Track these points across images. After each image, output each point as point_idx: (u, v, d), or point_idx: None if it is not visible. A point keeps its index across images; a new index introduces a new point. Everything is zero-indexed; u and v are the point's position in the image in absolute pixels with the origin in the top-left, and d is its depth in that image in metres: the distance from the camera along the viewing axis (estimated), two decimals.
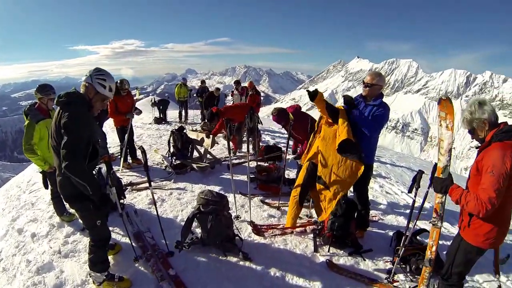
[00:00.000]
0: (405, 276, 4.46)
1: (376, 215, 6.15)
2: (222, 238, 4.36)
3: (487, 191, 2.84)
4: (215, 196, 4.37)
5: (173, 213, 5.56)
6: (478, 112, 3.06)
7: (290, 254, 4.55)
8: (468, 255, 3.28)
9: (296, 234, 5.03)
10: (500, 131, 2.98)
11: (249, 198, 5.64)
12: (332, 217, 4.77)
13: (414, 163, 13.57)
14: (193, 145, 8.34)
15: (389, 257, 4.74)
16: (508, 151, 2.86)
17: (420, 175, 3.86)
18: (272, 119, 6.48)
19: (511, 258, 3.99)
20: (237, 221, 5.28)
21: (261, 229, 5.05)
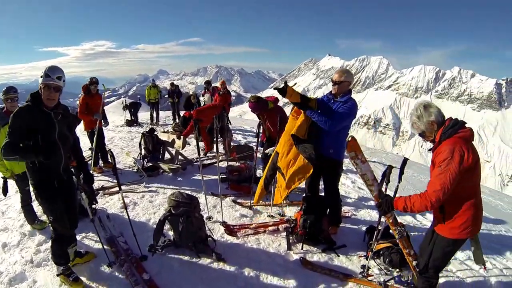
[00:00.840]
0: (379, 270, 4.53)
1: (348, 211, 6.21)
2: (194, 239, 4.33)
3: (432, 185, 3.00)
4: (186, 198, 4.34)
5: (145, 216, 5.50)
6: (425, 115, 3.15)
7: (263, 253, 4.55)
8: (446, 249, 3.34)
9: (269, 233, 5.04)
10: (446, 128, 3.07)
11: (220, 199, 5.59)
12: (303, 215, 4.79)
13: (386, 158, 13.79)
14: (165, 147, 8.30)
15: (363, 252, 4.80)
16: (457, 145, 2.95)
17: (389, 170, 3.92)
18: (249, 106, 6.46)
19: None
20: (210, 222, 5.26)
21: (233, 229, 5.04)
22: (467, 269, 5.07)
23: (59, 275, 3.82)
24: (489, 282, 4.85)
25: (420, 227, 5.81)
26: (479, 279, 4.88)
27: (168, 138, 8.69)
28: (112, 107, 19.22)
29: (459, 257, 5.32)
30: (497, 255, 5.76)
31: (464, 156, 2.91)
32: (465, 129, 3.05)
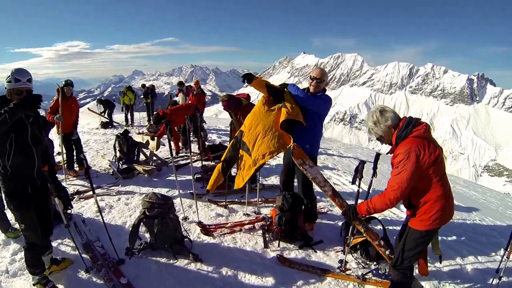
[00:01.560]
0: (357, 263, 4.59)
1: (324, 207, 6.28)
2: (170, 241, 4.30)
3: (391, 184, 3.09)
4: (160, 199, 4.30)
5: (121, 219, 5.44)
6: (382, 120, 3.20)
7: (240, 252, 4.55)
8: (418, 240, 3.39)
9: (245, 231, 5.05)
10: (400, 131, 3.13)
11: (195, 198, 5.58)
12: (279, 212, 4.81)
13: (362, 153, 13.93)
14: (139, 148, 8.23)
15: (340, 247, 4.85)
16: (413, 146, 3.02)
17: (362, 165, 3.96)
18: (222, 105, 6.53)
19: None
20: (185, 222, 5.25)
21: (209, 229, 5.03)
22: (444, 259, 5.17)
23: (36, 285, 3.73)
24: (465, 269, 4.99)
25: (398, 220, 5.90)
26: (455, 267, 5.00)
27: (143, 139, 8.62)
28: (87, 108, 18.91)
29: None
30: (473, 243, 5.94)
31: (420, 155, 2.99)
32: (419, 127, 3.11)
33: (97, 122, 15.73)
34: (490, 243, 6.15)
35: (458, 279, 4.74)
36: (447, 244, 5.69)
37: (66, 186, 6.47)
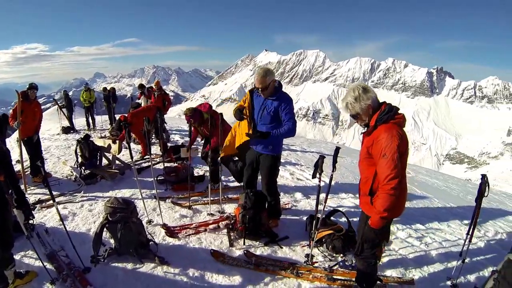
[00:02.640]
0: (323, 256, 4.67)
1: (288, 203, 6.36)
2: (135, 245, 4.24)
3: (385, 173, 3.02)
4: (121, 203, 4.23)
5: (85, 226, 5.32)
6: (364, 97, 3.17)
7: (206, 252, 4.54)
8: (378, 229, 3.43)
9: (209, 231, 5.05)
10: (382, 113, 3.13)
11: (158, 201, 5.54)
12: (242, 210, 4.83)
13: (325, 148, 14.12)
14: (101, 153, 8.08)
15: (306, 242, 4.92)
16: (394, 131, 3.05)
17: (321, 160, 4.01)
18: (186, 119, 6.56)
19: None
20: (150, 225, 5.20)
21: (174, 231, 5.00)
22: (408, 246, 5.36)
23: None
24: (430, 255, 5.17)
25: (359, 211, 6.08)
26: (420, 254, 5.18)
27: (104, 143, 8.46)
28: (48, 114, 18.23)
29: (400, 236, 5.64)
30: (436, 229, 6.19)
31: (401, 138, 3.04)
32: (399, 115, 3.15)
33: (58, 128, 15.31)
34: (453, 228, 6.41)
35: (423, 265, 4.92)
36: (411, 232, 5.87)
37: (27, 195, 6.28)
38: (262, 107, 4.78)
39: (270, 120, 4.76)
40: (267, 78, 4.62)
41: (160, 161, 8.23)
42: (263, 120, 4.80)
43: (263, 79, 4.61)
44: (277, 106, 4.71)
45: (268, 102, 4.74)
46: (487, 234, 6.57)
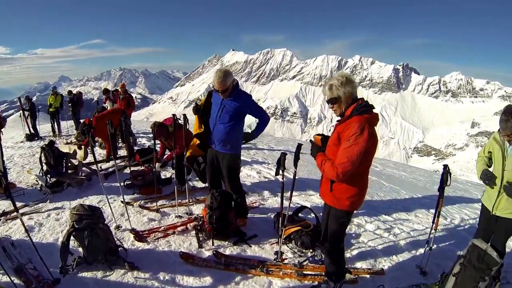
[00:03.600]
0: (293, 253, 4.74)
1: (256, 201, 6.41)
2: (104, 252, 4.17)
3: (340, 157, 3.14)
4: (87, 210, 4.15)
5: (53, 236, 5.16)
6: (348, 85, 3.25)
7: (175, 254, 4.51)
8: (340, 220, 3.58)
9: (178, 233, 5.02)
10: (359, 105, 3.22)
11: (125, 206, 5.49)
12: (209, 211, 4.84)
13: (293, 145, 14.20)
14: (67, 159, 7.92)
15: (275, 239, 4.96)
16: (367, 124, 3.13)
17: (283, 157, 4.06)
18: (153, 134, 6.61)
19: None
20: (119, 231, 5.12)
21: (143, 235, 4.95)
22: (377, 238, 5.50)
23: None
24: (399, 245, 5.35)
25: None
26: (389, 244, 5.33)
27: (70, 149, 8.31)
28: (11, 121, 17.67)
29: (369, 228, 5.80)
30: (404, 220, 6.39)
31: (371, 134, 3.12)
32: (374, 112, 3.26)
33: (21, 135, 14.89)
34: (420, 218, 6.63)
35: (392, 254, 5.07)
36: (379, 224, 6.03)
37: None
38: (221, 107, 4.84)
39: (228, 119, 4.82)
40: (227, 80, 4.65)
41: (127, 165, 8.13)
42: (222, 119, 4.85)
43: (224, 81, 4.64)
44: (237, 106, 4.78)
45: (227, 102, 4.80)
46: (454, 221, 6.83)
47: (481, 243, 4.01)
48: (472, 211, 7.63)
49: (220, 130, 4.87)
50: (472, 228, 6.00)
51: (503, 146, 4.08)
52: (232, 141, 4.95)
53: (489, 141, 4.35)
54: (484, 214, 4.49)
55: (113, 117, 8.24)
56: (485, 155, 4.40)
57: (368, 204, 7.12)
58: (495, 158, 4.20)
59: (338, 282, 3.83)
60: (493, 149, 4.23)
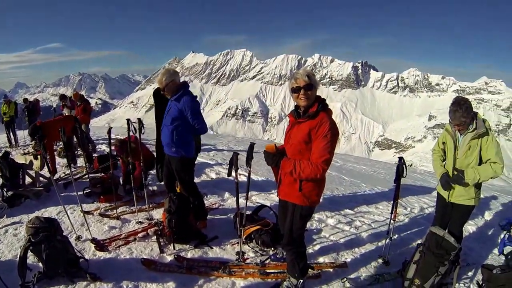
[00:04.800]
0: (254, 252, 4.78)
1: (216, 202, 6.46)
2: (64, 264, 4.06)
3: (322, 153, 3.17)
4: (43, 222, 4.03)
5: (11, 252, 4.92)
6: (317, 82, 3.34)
7: (137, 261, 4.45)
8: (306, 218, 3.67)
9: (139, 240, 4.97)
10: (323, 102, 3.32)
11: (83, 215, 5.35)
12: (168, 215, 4.84)
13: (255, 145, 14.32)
14: (24, 171, 7.70)
15: (236, 240, 4.97)
16: (332, 120, 3.26)
17: (235, 157, 4.09)
18: (115, 150, 6.64)
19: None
20: (79, 241, 4.99)
21: (104, 244, 4.86)
22: (339, 232, 5.65)
23: None
24: (361, 237, 5.52)
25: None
26: (351, 237, 5.48)
27: (26, 160, 8.05)
28: None
29: (330, 223, 5.94)
30: (365, 212, 6.61)
31: (338, 130, 3.24)
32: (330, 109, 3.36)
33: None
34: (381, 210, 6.86)
35: (354, 247, 5.22)
36: (340, 218, 6.18)
37: None
38: (168, 108, 4.92)
39: (171, 121, 4.86)
40: (162, 78, 4.74)
41: (85, 173, 7.94)
42: (166, 121, 4.91)
43: (160, 79, 4.75)
44: (179, 108, 4.81)
45: (172, 103, 4.87)
46: (413, 210, 7.11)
47: (438, 230, 4.26)
48: (431, 200, 7.92)
49: (165, 132, 4.93)
50: (431, 216, 6.20)
51: (455, 136, 4.36)
52: (177, 144, 4.95)
53: (442, 133, 4.62)
54: (440, 202, 4.78)
55: (65, 124, 7.98)
56: (440, 148, 4.66)
57: (328, 199, 7.30)
58: (448, 149, 4.48)
59: (301, 278, 3.88)
60: (446, 140, 4.52)
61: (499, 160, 4.09)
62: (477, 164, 4.23)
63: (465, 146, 4.25)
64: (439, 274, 4.07)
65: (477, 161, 4.23)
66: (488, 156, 4.16)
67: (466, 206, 4.48)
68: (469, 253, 5.51)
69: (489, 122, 4.28)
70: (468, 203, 4.44)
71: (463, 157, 4.30)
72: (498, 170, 4.08)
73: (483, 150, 4.18)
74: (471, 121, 4.16)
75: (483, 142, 4.17)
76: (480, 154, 4.21)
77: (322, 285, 4.30)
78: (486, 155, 4.17)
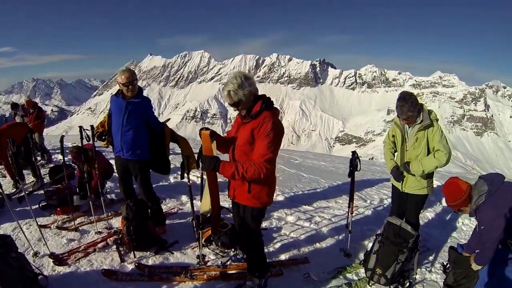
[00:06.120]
0: (215, 254, 4.80)
1: (174, 207, 6.41)
2: (21, 283, 3.86)
3: (264, 152, 3.17)
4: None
5: None
6: (245, 84, 3.25)
7: (98, 273, 4.32)
8: (258, 218, 3.71)
9: (99, 250, 4.85)
10: (267, 101, 3.33)
11: (39, 229, 5.07)
12: (126, 222, 4.77)
13: None
14: None
15: (196, 243, 4.97)
16: (277, 119, 3.29)
17: (186, 160, 4.08)
18: (71, 156, 6.45)
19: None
20: (37, 257, 4.74)
21: (63, 258, 4.67)
22: (299, 228, 5.71)
23: None
24: (321, 232, 5.65)
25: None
26: (311, 233, 5.58)
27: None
28: None
29: (290, 220, 6.01)
30: (324, 208, 6.73)
31: (282, 128, 3.28)
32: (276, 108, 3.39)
33: None
34: (341, 204, 7.00)
35: (315, 242, 5.32)
36: (300, 215, 6.26)
37: None
38: (125, 111, 4.77)
39: (135, 123, 4.83)
40: (134, 72, 4.76)
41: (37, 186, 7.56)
42: (129, 124, 4.80)
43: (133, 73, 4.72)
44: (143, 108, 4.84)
45: (132, 105, 4.78)
46: (373, 202, 7.31)
47: (395, 219, 4.46)
48: (389, 191, 8.09)
49: (129, 135, 4.82)
50: (390, 207, 6.38)
51: (404, 129, 4.55)
52: (142, 146, 4.93)
53: (392, 126, 4.80)
54: (395, 193, 5.00)
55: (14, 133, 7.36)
56: (390, 140, 4.86)
57: (288, 197, 7.40)
58: (398, 141, 4.68)
59: (262, 277, 3.93)
60: (395, 133, 4.72)
61: (443, 147, 4.27)
62: (425, 155, 4.41)
63: (413, 138, 4.44)
64: (399, 262, 4.25)
65: (425, 152, 4.42)
66: (433, 145, 4.35)
67: (419, 196, 4.68)
68: (428, 239, 5.75)
69: (436, 113, 4.48)
70: (421, 192, 4.64)
71: (412, 149, 4.50)
72: (442, 158, 4.26)
73: (429, 141, 4.38)
74: (418, 114, 4.33)
75: (429, 132, 4.36)
76: (428, 145, 4.40)
77: (285, 282, 4.35)
78: (432, 144, 4.36)
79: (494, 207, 3.30)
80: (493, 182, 3.42)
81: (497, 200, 3.32)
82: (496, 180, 3.45)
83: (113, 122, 4.99)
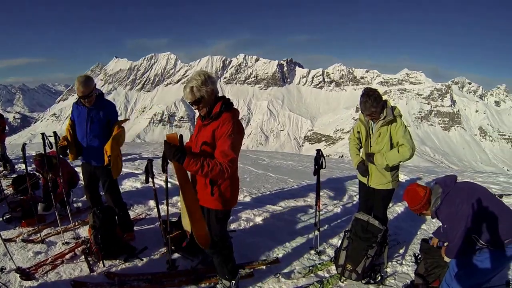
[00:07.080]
0: (184, 259, 4.77)
1: (142, 213, 6.35)
2: None
3: (227, 153, 3.17)
4: None
5: None
6: (208, 82, 3.28)
7: (67, 285, 4.19)
8: (223, 220, 3.75)
9: (67, 262, 4.71)
10: (227, 100, 3.37)
11: (3, 243, 4.80)
12: (93, 231, 4.68)
13: None
14: None
15: (165, 248, 4.90)
16: (238, 119, 3.33)
17: (150, 164, 4.06)
18: (35, 164, 6.24)
19: None
20: (3, 273, 4.53)
21: (30, 272, 4.49)
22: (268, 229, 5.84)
23: None
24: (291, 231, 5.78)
25: None
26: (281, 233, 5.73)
27: None
28: None
29: (258, 221, 6.09)
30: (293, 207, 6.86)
31: (242, 128, 3.31)
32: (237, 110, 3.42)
33: None
34: (309, 202, 7.05)
35: (285, 242, 5.38)
36: (268, 215, 6.32)
37: None
38: (88, 118, 4.75)
39: (99, 130, 4.81)
40: (90, 83, 4.64)
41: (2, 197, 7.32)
42: (93, 131, 4.78)
43: (87, 83, 4.61)
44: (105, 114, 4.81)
45: (93, 112, 4.75)
46: (342, 199, 7.43)
47: (362, 215, 4.59)
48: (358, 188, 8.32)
49: (95, 142, 4.80)
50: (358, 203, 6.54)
51: (368, 125, 4.67)
52: (102, 152, 4.82)
53: (357, 122, 4.92)
54: (362, 188, 5.11)
55: None
56: (355, 136, 4.97)
57: (255, 198, 7.45)
58: (363, 137, 4.79)
59: (232, 279, 3.95)
60: (360, 129, 4.82)
61: (406, 142, 4.38)
62: (388, 150, 4.51)
63: (376, 133, 4.56)
64: (369, 257, 4.36)
65: (388, 146, 4.52)
66: (397, 140, 4.46)
67: (385, 190, 4.78)
68: (399, 233, 5.88)
69: (399, 109, 4.61)
70: (386, 187, 4.74)
71: (375, 144, 4.61)
72: (405, 153, 4.37)
73: (392, 136, 4.49)
74: (382, 110, 4.44)
75: (392, 128, 4.47)
76: (391, 140, 4.51)
77: (256, 284, 4.38)
78: (396, 139, 4.47)
79: (452, 206, 3.41)
80: (446, 183, 3.54)
81: (453, 199, 3.42)
82: (448, 181, 3.56)
83: (77, 130, 4.95)
